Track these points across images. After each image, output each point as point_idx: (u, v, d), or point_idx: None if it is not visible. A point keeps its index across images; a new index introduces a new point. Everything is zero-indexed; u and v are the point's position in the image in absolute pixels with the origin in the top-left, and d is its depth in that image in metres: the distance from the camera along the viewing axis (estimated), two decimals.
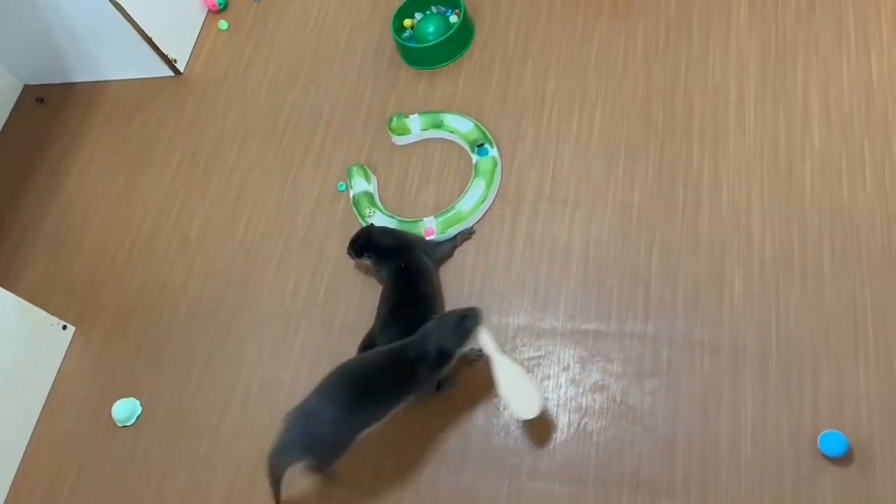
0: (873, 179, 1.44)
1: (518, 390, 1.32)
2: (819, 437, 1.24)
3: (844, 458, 1.23)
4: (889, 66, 1.53)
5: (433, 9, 1.98)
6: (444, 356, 1.33)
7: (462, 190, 1.68)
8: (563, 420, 1.39)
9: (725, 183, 1.52)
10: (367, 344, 1.48)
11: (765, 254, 1.43)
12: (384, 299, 1.52)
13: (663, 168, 1.57)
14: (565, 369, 1.44)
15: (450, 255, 1.61)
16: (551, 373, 1.44)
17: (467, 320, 1.32)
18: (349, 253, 1.60)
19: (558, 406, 1.40)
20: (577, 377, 1.42)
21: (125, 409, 1.62)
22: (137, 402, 1.65)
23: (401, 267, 1.52)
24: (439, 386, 1.42)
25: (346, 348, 1.54)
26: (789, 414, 1.29)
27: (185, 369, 1.66)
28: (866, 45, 1.57)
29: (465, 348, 1.34)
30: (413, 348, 1.34)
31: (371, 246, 1.57)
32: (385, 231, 1.60)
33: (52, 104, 2.24)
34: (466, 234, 1.63)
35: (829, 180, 1.46)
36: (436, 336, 1.33)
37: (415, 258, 1.53)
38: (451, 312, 1.37)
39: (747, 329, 1.37)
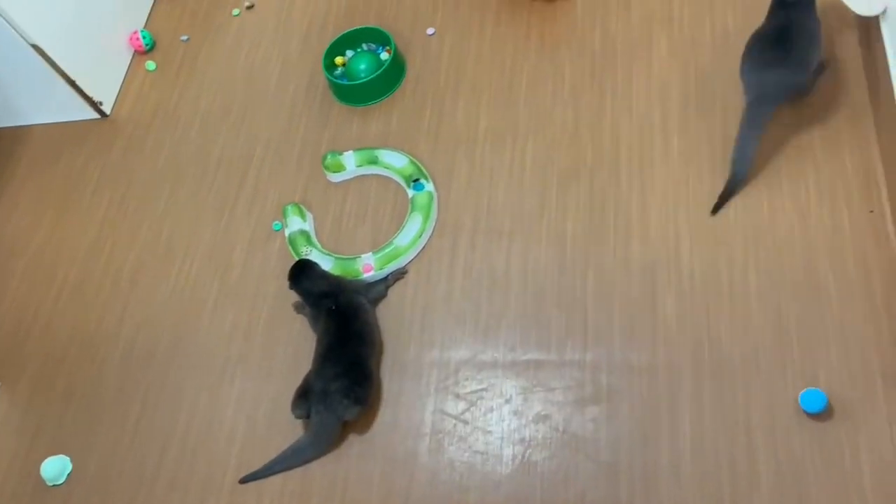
0: (791, 201, 1.50)
1: None
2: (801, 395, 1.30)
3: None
4: None
5: (364, 46, 1.99)
6: None
7: (399, 225, 1.68)
8: (507, 453, 1.39)
9: (653, 208, 1.57)
10: (305, 389, 1.46)
11: (694, 276, 1.48)
12: (318, 342, 1.50)
13: (594, 197, 1.61)
14: (507, 401, 1.44)
15: (384, 294, 1.61)
16: (494, 405, 1.44)
17: None
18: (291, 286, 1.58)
19: (502, 439, 1.40)
20: (519, 408, 1.43)
21: (55, 468, 1.55)
22: (67, 458, 1.57)
23: (332, 308, 1.50)
24: None
25: (285, 391, 1.51)
26: (725, 431, 1.32)
27: (118, 420, 1.60)
28: None
29: None
30: None
31: (301, 288, 1.56)
32: (316, 273, 1.57)
33: None
34: (399, 274, 1.62)
35: (751, 203, 1.52)
36: None
37: (346, 298, 1.52)
38: None
39: (681, 350, 1.41)
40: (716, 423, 1.33)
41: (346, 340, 1.47)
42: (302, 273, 1.56)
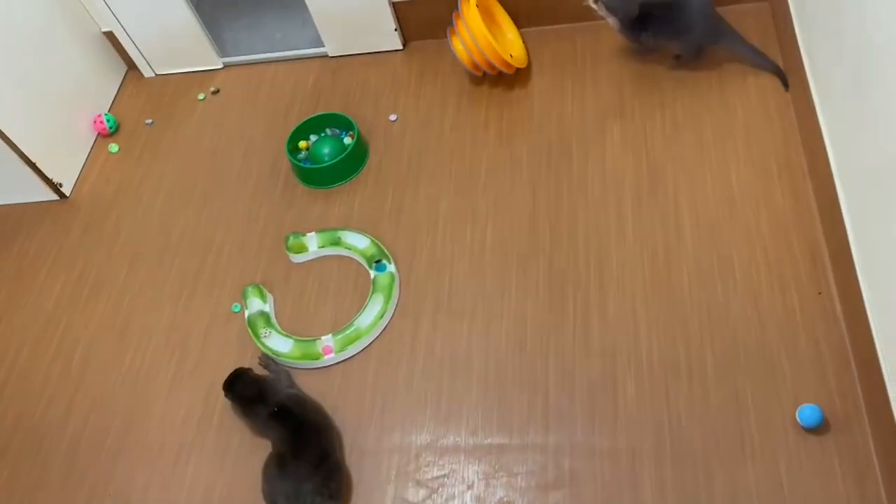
0: (743, 282, 1.55)
1: None
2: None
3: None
4: (746, 178, 1.69)
5: (328, 131, 2.04)
6: None
7: (361, 306, 1.68)
8: None
9: (611, 291, 1.59)
10: (272, 495, 1.41)
11: (653, 357, 1.49)
12: (274, 445, 1.46)
13: (553, 279, 1.64)
14: (470, 487, 1.41)
15: (284, 370, 1.60)
16: (456, 492, 1.41)
17: None
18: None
19: None
20: (482, 495, 1.40)
21: None
22: None
23: (275, 410, 1.48)
24: None
25: (240, 479, 1.46)
26: None
27: None
28: (725, 160, 1.73)
29: None
30: None
31: (236, 394, 1.54)
32: (249, 378, 1.55)
33: None
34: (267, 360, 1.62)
35: (705, 284, 1.56)
36: None
37: (283, 395, 1.50)
38: None
39: (643, 433, 1.41)
40: None
41: (304, 435, 1.43)
42: (236, 380, 1.54)
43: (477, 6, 1.87)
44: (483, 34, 1.85)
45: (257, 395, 1.50)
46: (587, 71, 1.99)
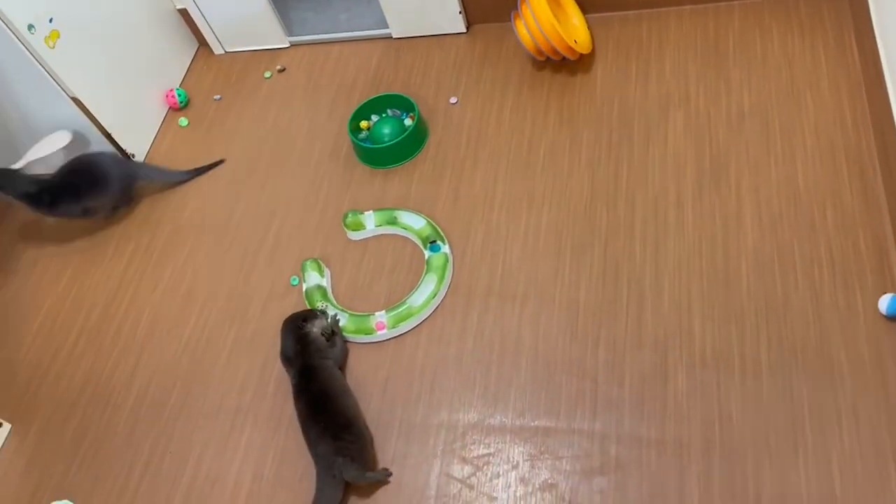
0: (804, 278, 1.51)
1: None
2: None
3: None
4: (812, 172, 1.64)
5: (389, 112, 2.06)
6: None
7: (414, 285, 1.71)
8: None
9: (667, 281, 1.58)
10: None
11: (706, 351, 1.47)
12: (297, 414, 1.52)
13: (607, 266, 1.63)
14: (514, 467, 1.43)
15: (345, 348, 1.63)
16: (500, 471, 1.43)
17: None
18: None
19: None
20: (526, 475, 1.42)
21: None
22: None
23: (294, 383, 1.55)
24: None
25: (292, 445, 1.51)
26: None
27: (124, 469, 1.60)
28: (792, 153, 1.68)
29: None
30: None
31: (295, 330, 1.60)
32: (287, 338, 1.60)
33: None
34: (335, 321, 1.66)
35: (764, 279, 1.53)
36: None
37: (305, 363, 1.55)
38: None
39: (691, 425, 1.40)
40: (725, 503, 1.31)
41: (319, 404, 1.48)
42: (306, 319, 1.60)
43: None
44: (549, 19, 1.84)
45: (297, 347, 1.56)
46: (652, 57, 1.95)
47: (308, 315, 1.61)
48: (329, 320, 1.64)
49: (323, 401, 1.49)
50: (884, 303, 1.43)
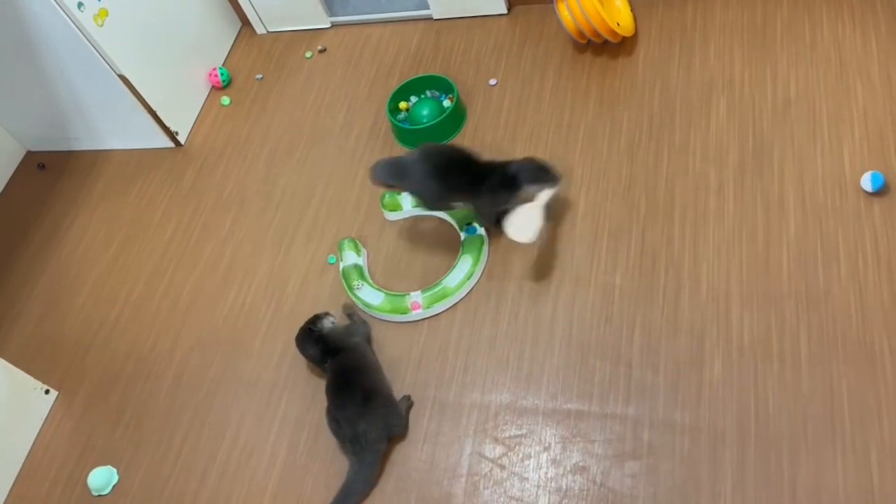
0: (847, 270, 1.48)
1: (523, 220, 1.56)
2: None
3: None
4: (860, 162, 1.60)
5: (427, 93, 2.06)
6: (512, 182, 1.59)
7: (449, 266, 1.72)
8: (542, 501, 1.38)
9: (705, 268, 1.56)
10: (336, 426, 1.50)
11: (743, 338, 1.46)
12: (327, 391, 1.55)
13: (645, 252, 1.62)
14: (546, 449, 1.44)
15: (366, 326, 1.65)
16: (532, 452, 1.44)
17: (549, 173, 1.60)
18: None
19: (538, 487, 1.40)
20: (557, 457, 1.42)
21: (101, 478, 1.60)
22: (115, 470, 1.63)
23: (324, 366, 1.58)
24: (497, 222, 1.64)
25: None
26: (768, 502, 1.29)
27: (165, 438, 1.65)
28: (839, 141, 1.65)
29: (531, 189, 1.59)
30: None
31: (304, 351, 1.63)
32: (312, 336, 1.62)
33: (52, 170, 2.30)
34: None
35: (806, 268, 1.51)
36: (521, 167, 1.62)
37: (332, 343, 1.58)
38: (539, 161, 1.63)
39: (726, 413, 1.39)
40: (758, 491, 1.30)
41: (346, 382, 1.51)
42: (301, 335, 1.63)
43: None
44: (591, 1, 1.82)
45: (319, 347, 1.59)
46: (696, 42, 1.92)
47: (313, 320, 1.63)
48: (346, 312, 1.68)
49: (361, 378, 1.51)
50: (866, 180, 1.53)
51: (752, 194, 1.63)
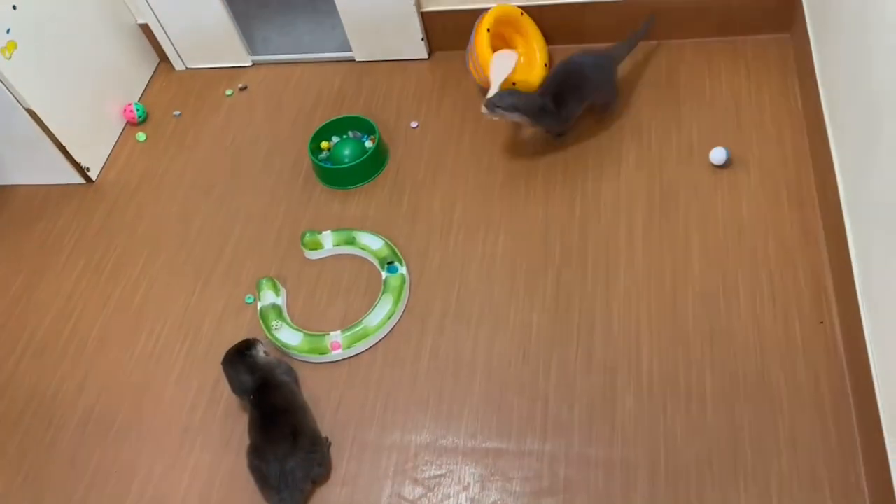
0: (746, 308, 1.57)
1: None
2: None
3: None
4: (756, 205, 1.71)
5: (350, 133, 2.08)
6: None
7: (370, 305, 1.72)
8: None
9: (616, 308, 1.62)
10: (263, 478, 1.45)
11: (653, 375, 1.52)
12: (251, 430, 1.52)
13: (560, 292, 1.67)
14: (465, 488, 1.44)
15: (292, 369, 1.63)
16: (451, 492, 1.44)
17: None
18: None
19: None
20: (476, 496, 1.43)
21: None
22: None
23: (251, 398, 1.54)
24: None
25: (242, 468, 1.50)
26: None
27: (67, 489, 1.57)
28: (737, 188, 1.76)
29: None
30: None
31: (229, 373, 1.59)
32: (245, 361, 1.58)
33: None
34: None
35: (709, 308, 1.59)
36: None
37: (268, 383, 1.55)
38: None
39: (638, 447, 1.44)
40: None
41: (273, 418, 1.48)
42: (242, 352, 1.58)
43: (489, 31, 1.92)
44: (486, 60, 1.90)
45: (250, 373, 1.55)
46: None
47: (248, 344, 1.59)
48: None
49: (291, 417, 1.48)
50: (717, 155, 1.77)
51: (660, 238, 1.71)
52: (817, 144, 1.72)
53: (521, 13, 2.05)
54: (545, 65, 2.06)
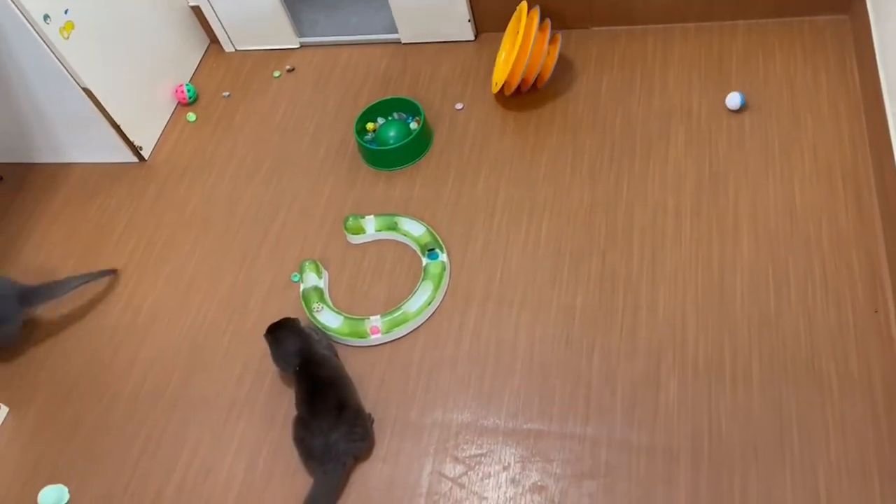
0: (797, 294, 1.54)
1: None
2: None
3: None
4: (809, 190, 1.67)
5: (395, 115, 2.09)
6: None
7: (411, 291, 1.73)
8: None
9: (662, 292, 1.60)
10: (307, 451, 1.48)
11: (698, 361, 1.50)
12: (298, 403, 1.54)
13: (605, 275, 1.66)
14: (506, 468, 1.45)
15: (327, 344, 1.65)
16: (492, 471, 1.45)
17: None
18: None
19: None
20: (517, 477, 1.43)
21: (51, 497, 1.56)
22: (65, 489, 1.59)
23: (296, 368, 1.56)
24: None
25: (287, 440, 1.53)
26: None
27: (119, 456, 1.62)
28: (790, 171, 1.71)
29: None
30: None
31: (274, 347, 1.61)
32: (290, 329, 1.61)
33: (12, 182, 2.26)
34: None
35: (758, 293, 1.56)
36: None
37: (314, 355, 1.57)
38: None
39: (681, 434, 1.42)
40: None
41: (319, 392, 1.50)
42: (282, 327, 1.61)
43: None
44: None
45: (296, 346, 1.58)
46: (656, 72, 1.99)
47: (288, 319, 1.63)
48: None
49: (337, 390, 1.51)
50: (731, 99, 1.80)
51: (708, 221, 1.68)
52: (875, 128, 1.67)
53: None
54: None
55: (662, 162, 1.81)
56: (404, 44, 2.28)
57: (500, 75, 1.99)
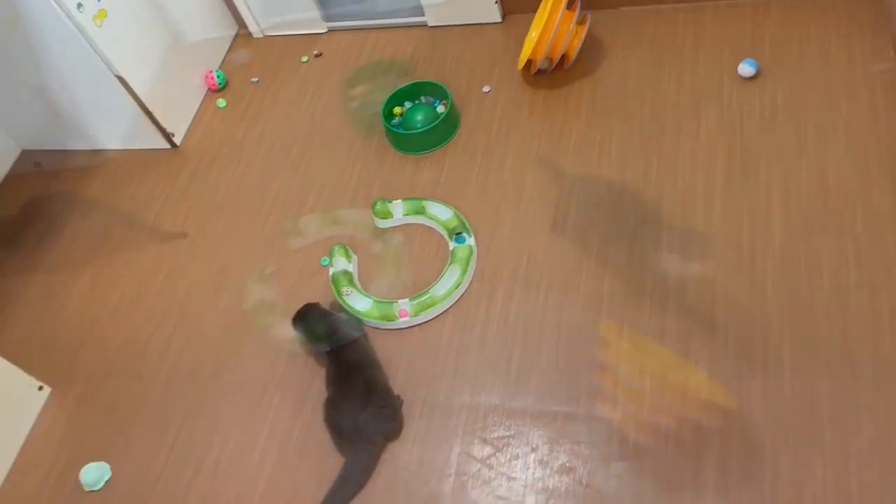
0: (830, 278, 1.51)
1: None
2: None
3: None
4: (843, 172, 1.64)
5: (422, 99, 2.09)
6: None
7: (438, 274, 1.74)
8: (529, 501, 1.40)
9: (691, 274, 1.59)
10: (338, 432, 1.52)
11: (728, 345, 1.49)
12: (328, 383, 1.58)
13: (633, 259, 1.65)
14: (534, 450, 1.46)
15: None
16: (520, 453, 1.46)
17: None
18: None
19: (526, 487, 1.42)
20: (544, 458, 1.45)
21: (94, 474, 1.61)
22: (107, 466, 1.64)
23: (328, 350, 1.60)
24: None
25: (319, 421, 1.56)
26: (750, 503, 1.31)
27: (156, 435, 1.67)
28: (823, 153, 1.68)
29: None
30: None
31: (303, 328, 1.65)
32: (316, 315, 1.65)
33: (48, 169, 2.31)
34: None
35: (789, 276, 1.54)
36: None
37: (344, 338, 1.61)
38: None
39: (710, 417, 1.41)
40: (741, 497, 1.32)
41: (348, 373, 1.54)
42: (308, 313, 1.66)
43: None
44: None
45: (324, 329, 1.62)
46: (686, 52, 1.96)
47: (314, 304, 1.67)
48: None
49: (366, 371, 1.54)
50: (744, 67, 1.79)
51: (739, 204, 1.66)
52: None
53: None
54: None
55: (693, 142, 1.79)
56: (431, 27, 2.28)
57: (525, 52, 1.98)
